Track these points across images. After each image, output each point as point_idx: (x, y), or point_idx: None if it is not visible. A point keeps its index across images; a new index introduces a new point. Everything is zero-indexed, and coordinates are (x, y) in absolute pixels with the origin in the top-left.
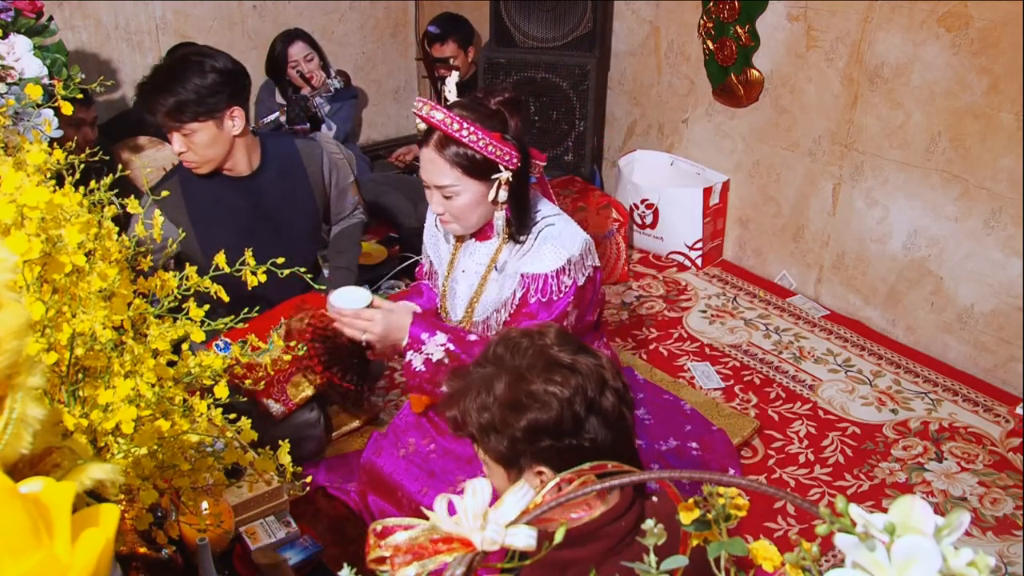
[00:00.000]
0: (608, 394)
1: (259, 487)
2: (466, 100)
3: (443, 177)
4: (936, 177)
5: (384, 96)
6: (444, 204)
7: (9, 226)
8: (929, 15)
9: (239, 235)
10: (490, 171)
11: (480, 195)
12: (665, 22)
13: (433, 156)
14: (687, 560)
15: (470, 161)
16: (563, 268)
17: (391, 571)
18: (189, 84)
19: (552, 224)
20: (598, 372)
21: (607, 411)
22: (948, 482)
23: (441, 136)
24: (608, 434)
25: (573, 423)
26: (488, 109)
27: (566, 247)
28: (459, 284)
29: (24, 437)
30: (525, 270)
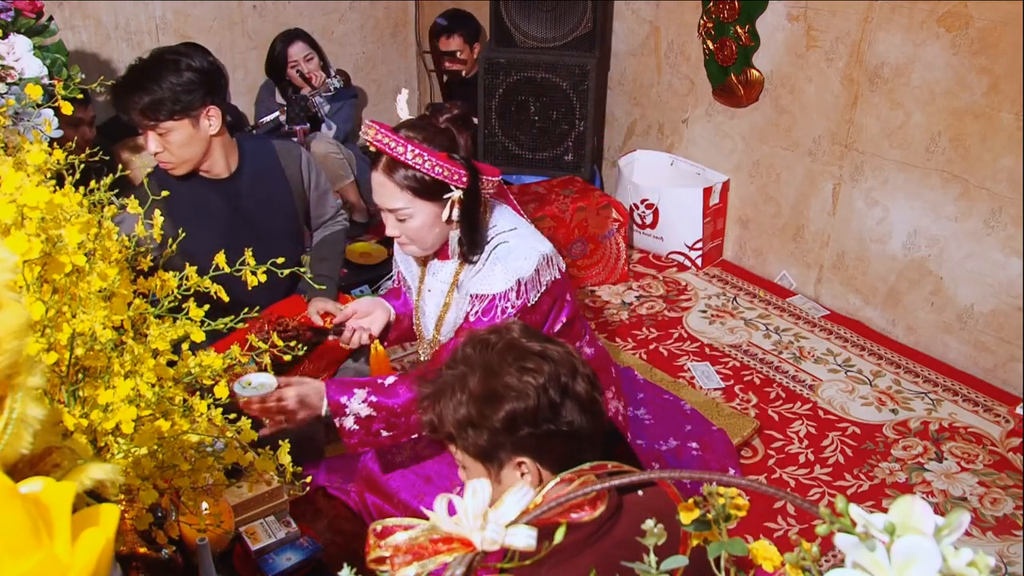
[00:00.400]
0: (580, 379)
1: (259, 487)
2: (415, 119)
3: (394, 200)
4: (936, 177)
5: (384, 96)
6: (399, 227)
7: (9, 226)
8: (929, 15)
9: (219, 238)
10: (441, 191)
11: (433, 216)
12: (665, 22)
13: (383, 180)
14: (687, 560)
15: (419, 183)
16: (511, 289)
17: (391, 571)
18: (164, 82)
19: (505, 241)
20: (568, 358)
21: (581, 395)
22: (948, 482)
23: (389, 160)
24: (584, 418)
25: (550, 409)
26: (436, 128)
27: (516, 269)
28: (427, 303)
29: (24, 437)
30: (473, 290)
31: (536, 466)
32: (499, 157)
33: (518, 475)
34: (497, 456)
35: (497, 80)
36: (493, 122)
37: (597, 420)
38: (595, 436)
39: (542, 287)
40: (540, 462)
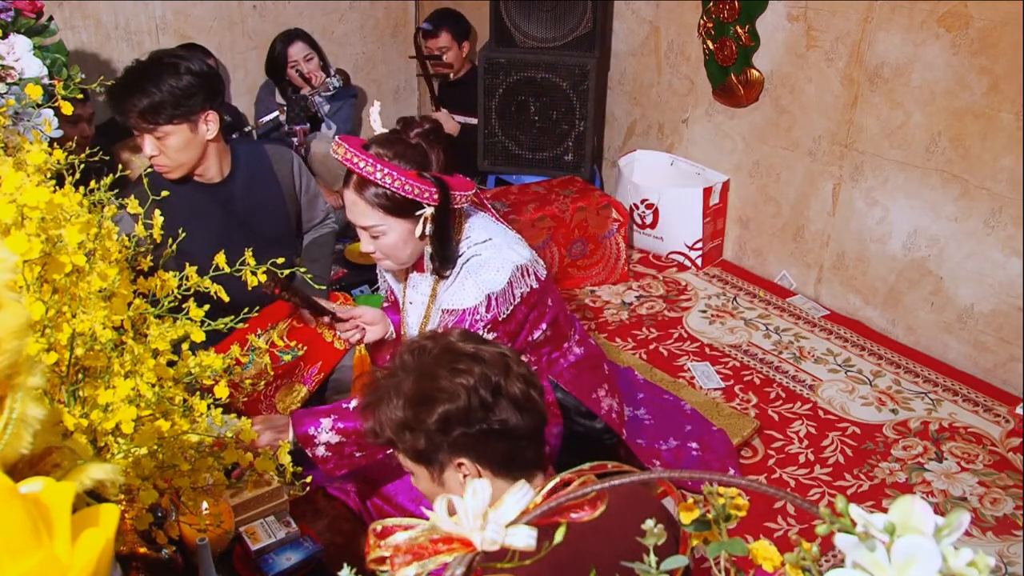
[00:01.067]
0: (514, 379)
1: (259, 487)
2: (386, 135)
3: (367, 218)
4: (936, 177)
5: (384, 96)
6: (373, 243)
7: (9, 226)
8: (929, 15)
9: (212, 242)
10: (412, 208)
11: (406, 232)
12: (665, 22)
13: (354, 198)
14: (687, 560)
15: (390, 201)
16: (481, 303)
17: (391, 571)
18: (164, 85)
19: (478, 255)
20: (501, 359)
21: (515, 395)
22: (948, 482)
23: (359, 178)
24: (519, 417)
25: (482, 409)
26: (406, 143)
27: (487, 282)
28: (410, 316)
29: (24, 437)
30: (445, 305)
31: (476, 467)
32: (499, 157)
33: (459, 476)
34: (436, 458)
35: (497, 80)
36: (493, 122)
37: (535, 418)
38: (534, 434)
39: (515, 299)
40: (479, 462)
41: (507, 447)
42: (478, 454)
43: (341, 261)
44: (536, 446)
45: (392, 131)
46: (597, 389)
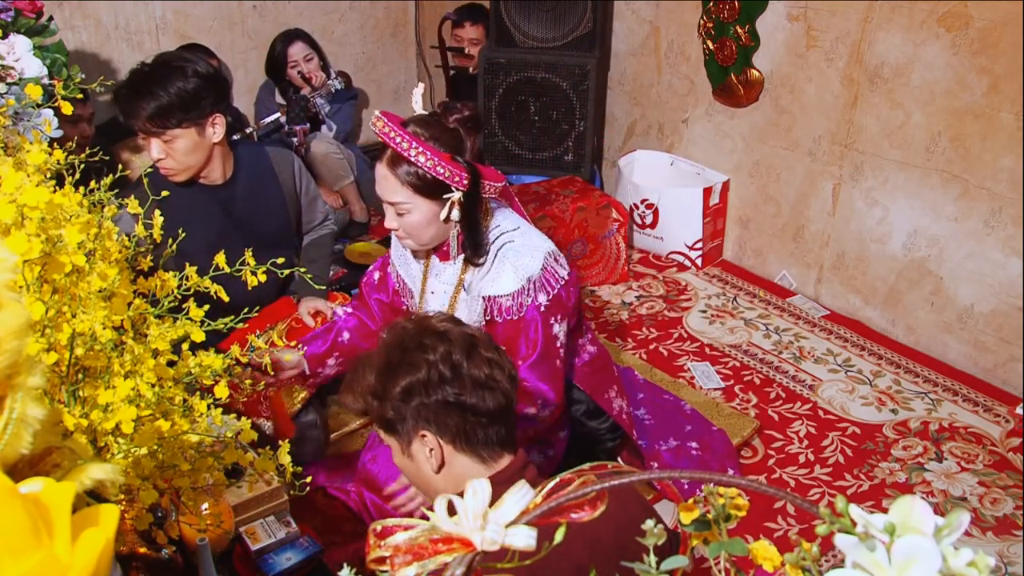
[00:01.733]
0: (477, 360)
1: (259, 487)
2: (425, 116)
3: (395, 194)
4: (936, 177)
5: (384, 96)
6: (397, 220)
7: (9, 226)
8: (929, 15)
9: (212, 243)
10: (441, 190)
11: (432, 214)
12: (665, 22)
13: (385, 173)
14: (687, 560)
15: (420, 180)
16: (522, 289)
17: (391, 571)
18: (172, 88)
19: (511, 240)
20: (468, 339)
21: (476, 376)
22: (948, 482)
23: (393, 153)
24: (477, 396)
25: (440, 382)
26: (443, 127)
27: (525, 267)
28: (431, 306)
29: (24, 437)
30: (486, 292)
31: (437, 439)
32: (499, 157)
33: (425, 449)
34: (403, 428)
35: (497, 80)
36: (493, 122)
37: (497, 399)
38: (497, 414)
39: (554, 284)
40: (440, 435)
41: (463, 422)
42: (438, 426)
43: (341, 261)
44: (501, 426)
45: (432, 113)
46: (608, 389)
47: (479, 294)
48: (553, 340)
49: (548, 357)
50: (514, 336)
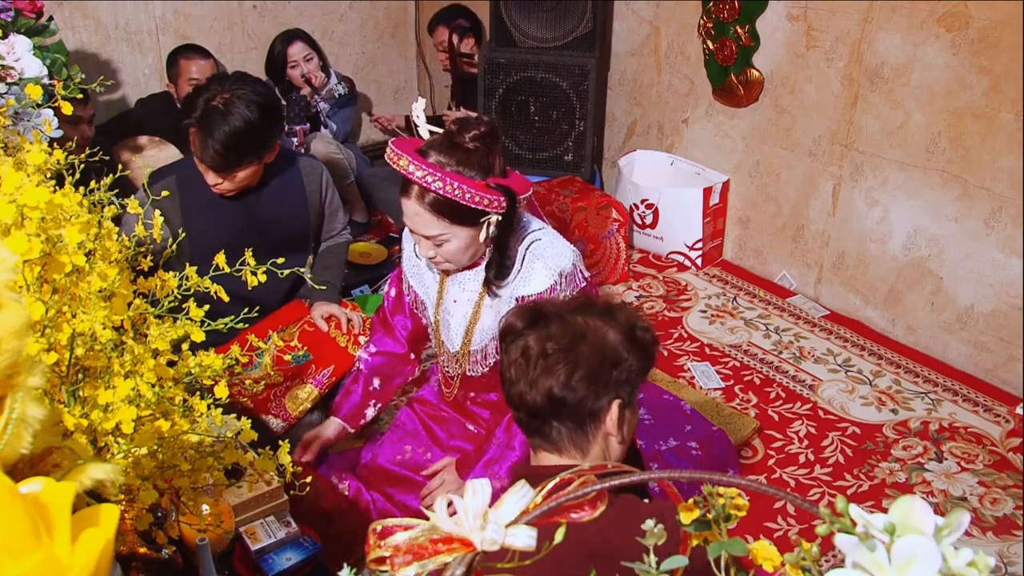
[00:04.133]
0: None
1: (259, 487)
2: (442, 141)
3: (431, 228)
4: (936, 177)
5: (384, 96)
6: (435, 250)
7: (9, 226)
8: (929, 15)
9: (229, 244)
10: (478, 215)
11: (471, 238)
12: (665, 22)
13: (417, 209)
14: (687, 560)
15: (455, 211)
16: (554, 284)
17: (391, 571)
18: (246, 138)
19: (539, 239)
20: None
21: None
22: (948, 482)
23: (421, 188)
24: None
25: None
26: (466, 150)
27: (556, 262)
28: (452, 315)
29: (24, 437)
30: (519, 293)
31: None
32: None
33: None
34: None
35: (497, 80)
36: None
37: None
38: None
39: (583, 281)
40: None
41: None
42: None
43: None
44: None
45: (447, 133)
46: None
47: (512, 296)
48: None
49: None
50: None
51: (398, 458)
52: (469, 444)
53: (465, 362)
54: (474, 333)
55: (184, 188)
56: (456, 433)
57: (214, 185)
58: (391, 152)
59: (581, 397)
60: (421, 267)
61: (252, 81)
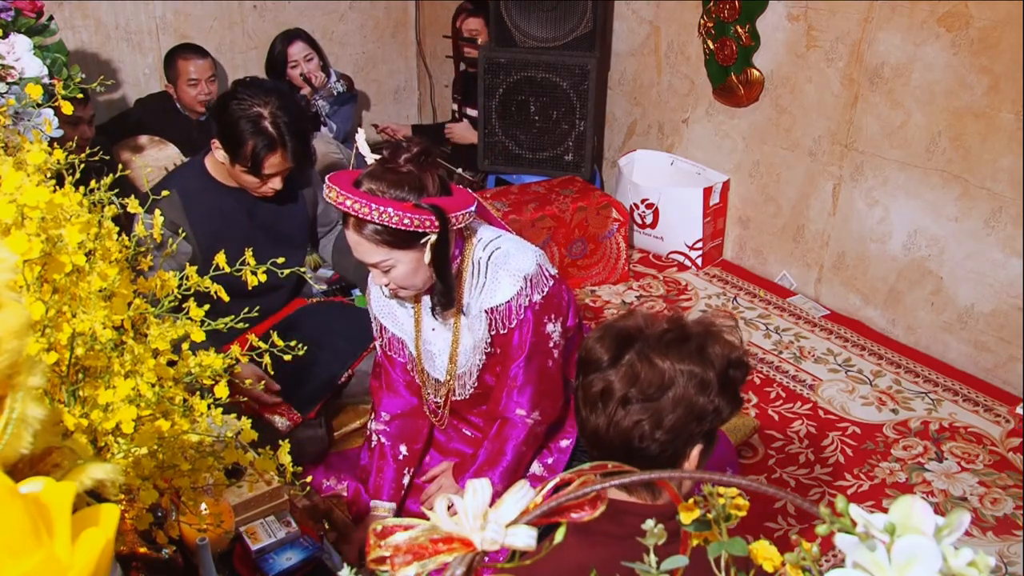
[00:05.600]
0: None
1: (259, 487)
2: (376, 168)
3: (373, 255)
4: (936, 177)
5: (384, 96)
6: (386, 276)
7: (9, 226)
8: (929, 15)
9: (239, 245)
10: (417, 238)
11: (416, 261)
12: (665, 22)
13: (356, 238)
14: (687, 560)
15: (392, 235)
16: (520, 290)
17: (391, 571)
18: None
19: (499, 247)
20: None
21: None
22: (948, 482)
23: (356, 218)
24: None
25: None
26: (398, 174)
27: (519, 266)
28: (434, 344)
29: (24, 437)
30: (488, 305)
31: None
32: (499, 157)
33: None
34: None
35: (497, 80)
36: (493, 122)
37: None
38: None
39: (549, 280)
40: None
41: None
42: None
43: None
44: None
45: (380, 160)
46: None
47: (480, 309)
48: (546, 339)
49: (538, 355)
50: (511, 339)
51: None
52: (468, 447)
53: (453, 386)
54: (458, 356)
55: (187, 199)
56: (454, 436)
57: (260, 187)
58: (326, 187)
59: (660, 449)
60: (392, 305)
61: (275, 86)
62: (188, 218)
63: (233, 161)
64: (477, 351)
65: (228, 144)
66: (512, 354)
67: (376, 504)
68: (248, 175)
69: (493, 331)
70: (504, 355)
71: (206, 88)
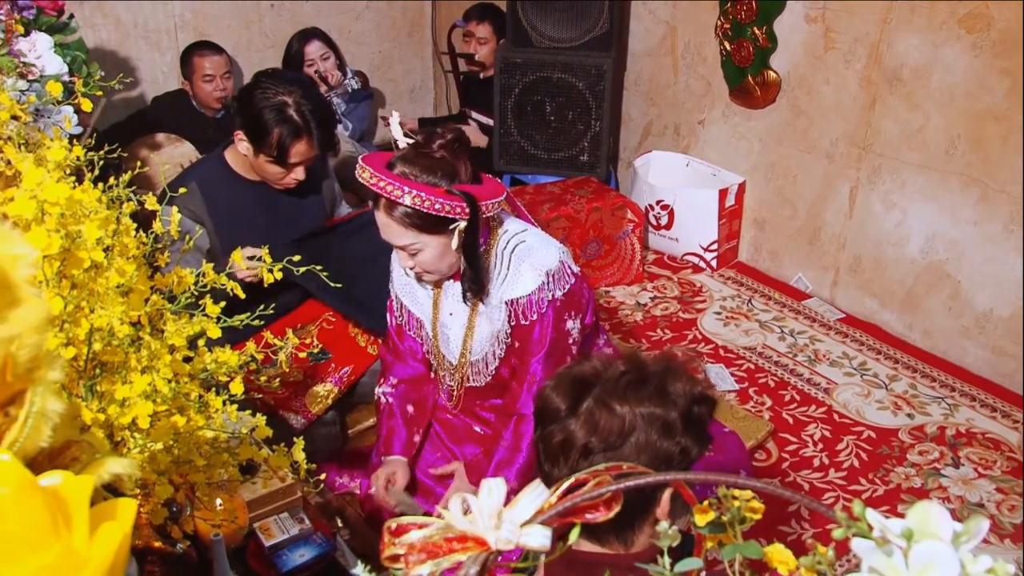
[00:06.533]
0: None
1: (273, 484)
2: (408, 151)
3: (401, 238)
4: (955, 180)
5: (400, 95)
6: (412, 259)
7: (30, 221)
8: (950, 16)
9: (258, 237)
10: (446, 223)
11: (443, 246)
12: (682, 23)
13: (386, 220)
14: (702, 563)
15: (422, 219)
16: (543, 284)
17: (405, 569)
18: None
19: (523, 240)
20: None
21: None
22: (965, 488)
23: (388, 200)
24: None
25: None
26: (432, 158)
27: (542, 261)
28: (450, 328)
29: (44, 431)
30: (508, 296)
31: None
32: (514, 157)
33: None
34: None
35: (513, 80)
36: (509, 122)
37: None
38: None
39: (572, 277)
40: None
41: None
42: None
43: None
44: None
45: (414, 144)
46: None
47: (501, 300)
48: (565, 336)
49: (557, 352)
50: (531, 333)
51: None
52: (477, 447)
53: (467, 373)
54: (473, 343)
55: (207, 191)
56: (463, 438)
57: (284, 177)
58: (359, 168)
59: (628, 499)
60: (413, 285)
61: (297, 76)
62: (208, 210)
63: (258, 151)
64: (496, 341)
65: (252, 134)
66: (532, 349)
67: (392, 459)
68: (272, 165)
69: (513, 322)
70: (523, 349)
71: (221, 84)
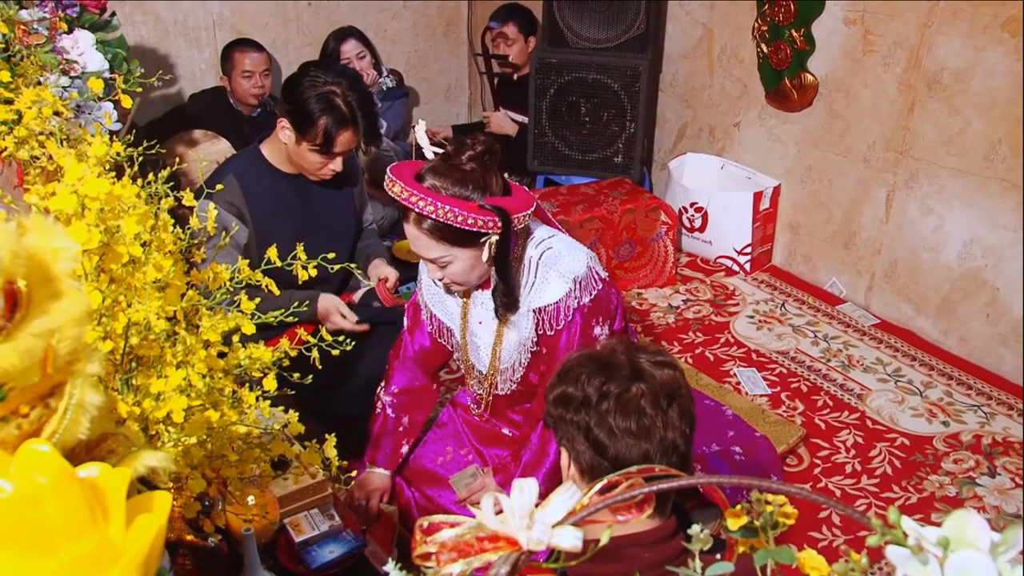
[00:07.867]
0: (628, 412)
1: (304, 480)
2: (438, 164)
3: (431, 251)
4: (995, 186)
5: (435, 94)
6: (441, 271)
7: (71, 216)
8: (992, 19)
9: (292, 232)
10: (477, 236)
11: (473, 258)
12: (719, 24)
13: (416, 233)
14: (732, 567)
15: (452, 233)
16: (570, 292)
17: (436, 567)
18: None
19: (550, 247)
20: (648, 390)
21: (622, 423)
22: (1001, 498)
23: (418, 214)
24: (628, 444)
25: (582, 404)
26: (461, 171)
27: (569, 268)
28: (479, 336)
29: (82, 423)
30: (535, 304)
31: (568, 458)
32: (549, 157)
33: (565, 465)
34: (560, 435)
35: (548, 80)
36: (544, 122)
37: (639, 452)
38: (619, 463)
39: (599, 283)
40: (572, 460)
41: (593, 460)
42: (570, 446)
43: (387, 259)
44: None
45: (444, 156)
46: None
47: (528, 308)
48: (593, 342)
49: None
50: (558, 341)
51: (440, 460)
52: (504, 449)
53: (495, 380)
54: (501, 351)
55: (244, 185)
56: (491, 440)
57: (322, 168)
58: (388, 180)
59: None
60: (441, 293)
61: (343, 68)
62: (246, 200)
63: (301, 139)
64: (522, 349)
65: (298, 122)
66: (559, 355)
67: (373, 472)
68: (314, 153)
69: (540, 331)
70: (551, 356)
71: (259, 81)
